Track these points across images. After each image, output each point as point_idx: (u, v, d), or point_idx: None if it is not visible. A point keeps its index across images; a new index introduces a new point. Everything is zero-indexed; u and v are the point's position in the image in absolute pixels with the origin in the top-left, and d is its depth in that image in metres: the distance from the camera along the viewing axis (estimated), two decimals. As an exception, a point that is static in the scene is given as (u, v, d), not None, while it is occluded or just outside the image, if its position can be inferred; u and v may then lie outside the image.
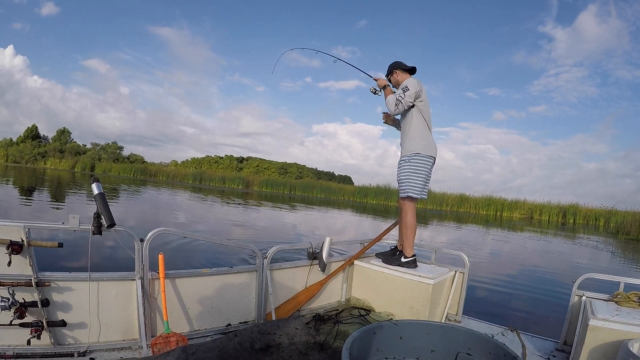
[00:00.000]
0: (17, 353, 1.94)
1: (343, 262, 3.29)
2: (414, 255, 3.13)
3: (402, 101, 2.98)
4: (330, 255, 3.14)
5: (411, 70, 3.21)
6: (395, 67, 3.24)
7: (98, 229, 1.95)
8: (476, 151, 78.18)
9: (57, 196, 13.64)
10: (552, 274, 7.30)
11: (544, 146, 72.12)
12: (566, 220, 26.38)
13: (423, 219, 18.92)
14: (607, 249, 12.36)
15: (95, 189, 1.95)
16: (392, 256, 3.22)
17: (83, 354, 2.05)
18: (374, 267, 3.19)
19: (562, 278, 6.74)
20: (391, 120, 3.51)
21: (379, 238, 3.41)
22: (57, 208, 9.96)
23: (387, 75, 3.32)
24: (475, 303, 4.49)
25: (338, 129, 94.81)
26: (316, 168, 60.47)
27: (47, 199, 12.40)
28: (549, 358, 2.66)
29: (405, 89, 2.98)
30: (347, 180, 55.96)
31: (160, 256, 2.29)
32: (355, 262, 3.31)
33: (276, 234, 9.12)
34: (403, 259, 3.11)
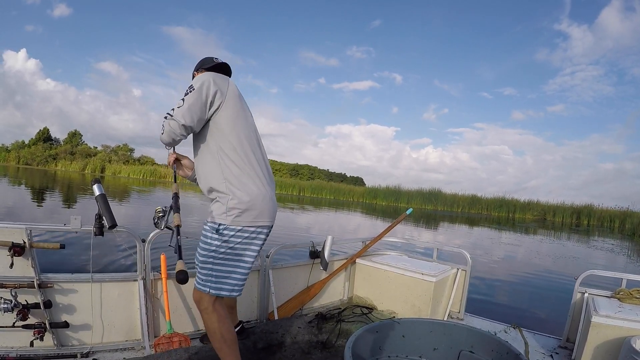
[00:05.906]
0: (20, 355, 1.94)
1: (345, 260, 3.29)
2: None
3: (172, 118, 1.59)
4: (332, 254, 3.14)
5: (220, 69, 1.86)
6: (197, 67, 1.90)
7: (100, 230, 1.96)
8: (490, 152, 78.46)
9: (64, 197, 13.67)
10: (554, 271, 7.29)
11: (559, 147, 72.41)
12: (580, 222, 26.00)
13: (433, 220, 18.86)
14: (623, 252, 12.06)
15: (96, 190, 1.96)
16: None
17: (86, 355, 2.06)
18: (376, 266, 3.19)
19: (564, 275, 6.73)
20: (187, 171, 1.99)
21: (380, 236, 3.41)
22: (67, 207, 9.99)
23: None
24: (478, 301, 4.49)
25: (352, 130, 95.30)
26: (328, 169, 60.96)
27: (54, 200, 12.42)
28: (551, 355, 2.66)
29: (189, 90, 1.61)
30: (358, 181, 56.33)
31: (162, 256, 2.30)
32: (357, 260, 3.31)
33: (278, 234, 9.12)
34: None
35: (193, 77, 1.87)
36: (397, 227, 3.52)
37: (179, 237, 1.53)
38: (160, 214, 1.78)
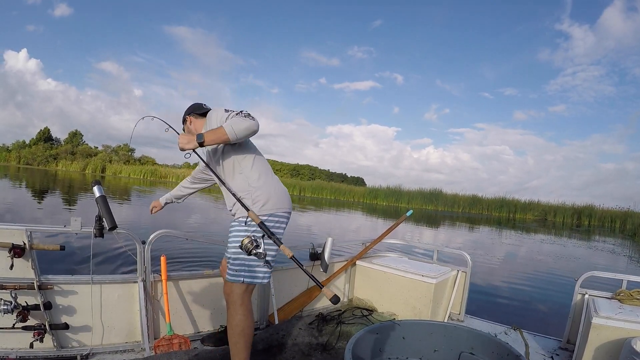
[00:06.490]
0: (20, 356, 1.94)
1: (345, 262, 3.29)
2: None
3: (254, 119, 1.86)
4: (332, 255, 3.13)
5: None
6: (189, 112, 2.14)
7: (100, 232, 1.95)
8: (492, 152, 78.47)
9: (65, 198, 13.67)
10: (555, 273, 7.28)
11: (560, 147, 72.35)
12: (581, 222, 25.77)
13: (434, 220, 18.84)
14: (624, 252, 11.96)
15: (96, 191, 1.95)
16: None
17: (86, 357, 2.06)
18: (376, 267, 3.19)
19: (564, 276, 6.72)
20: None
21: (381, 238, 3.41)
22: (68, 207, 9.99)
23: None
24: (478, 302, 4.48)
25: (353, 130, 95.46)
26: (329, 170, 61.03)
27: (55, 200, 12.42)
28: (552, 357, 2.65)
29: (237, 111, 1.90)
30: (359, 181, 56.40)
31: (162, 258, 2.30)
32: (358, 262, 3.31)
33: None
34: None
35: (184, 120, 2.16)
36: (397, 227, 3.52)
37: (305, 268, 1.70)
38: (254, 245, 1.79)
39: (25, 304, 1.92)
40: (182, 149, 1.84)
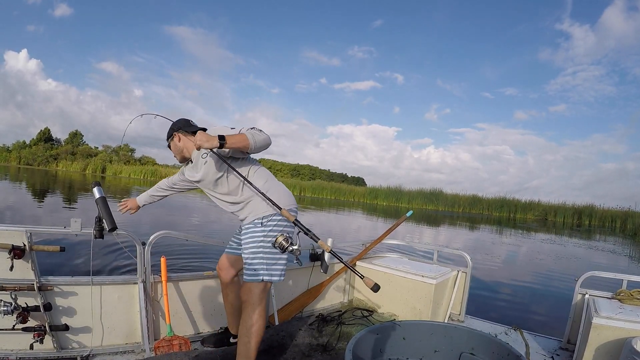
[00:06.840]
0: (20, 358, 1.94)
1: (345, 263, 3.29)
2: None
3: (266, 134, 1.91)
4: (332, 256, 3.13)
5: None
6: (177, 128, 2.08)
7: (100, 233, 1.95)
8: (492, 152, 78.59)
9: (65, 198, 13.67)
10: (555, 273, 7.28)
11: (561, 147, 72.48)
12: (581, 222, 25.73)
13: (434, 220, 18.85)
14: (624, 252, 11.92)
15: (96, 192, 1.95)
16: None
17: (86, 358, 2.06)
18: (377, 268, 3.19)
19: (565, 276, 6.72)
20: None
21: (381, 239, 3.41)
22: (68, 207, 9.99)
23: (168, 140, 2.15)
24: (478, 303, 4.48)
25: (354, 130, 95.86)
26: (329, 170, 61.20)
27: (55, 200, 12.40)
28: (552, 357, 2.65)
29: (247, 127, 1.90)
30: (359, 181, 56.59)
31: (162, 259, 2.30)
32: (358, 263, 3.30)
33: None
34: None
35: (172, 137, 2.09)
36: (397, 228, 3.52)
37: (343, 258, 1.90)
38: (289, 242, 1.87)
39: (25, 305, 1.92)
40: (200, 148, 1.80)
